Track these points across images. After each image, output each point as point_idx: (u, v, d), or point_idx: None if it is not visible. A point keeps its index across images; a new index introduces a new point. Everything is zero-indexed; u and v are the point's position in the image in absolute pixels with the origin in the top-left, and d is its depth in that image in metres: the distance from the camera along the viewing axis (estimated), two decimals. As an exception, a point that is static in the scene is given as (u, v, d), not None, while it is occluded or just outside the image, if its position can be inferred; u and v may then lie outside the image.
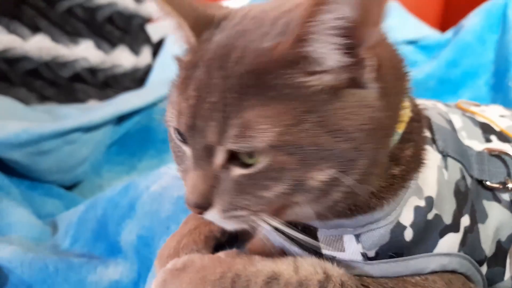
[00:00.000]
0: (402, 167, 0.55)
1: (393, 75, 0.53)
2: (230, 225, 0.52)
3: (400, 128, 0.55)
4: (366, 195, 0.52)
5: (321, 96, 0.46)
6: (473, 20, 1.51)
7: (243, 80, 0.46)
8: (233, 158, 0.48)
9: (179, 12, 0.53)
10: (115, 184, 1.40)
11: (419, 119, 0.60)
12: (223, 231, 0.69)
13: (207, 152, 0.48)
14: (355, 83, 0.47)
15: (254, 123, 0.45)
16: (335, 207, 0.51)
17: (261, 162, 0.46)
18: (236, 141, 0.45)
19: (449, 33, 1.67)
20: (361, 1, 0.41)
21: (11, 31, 1.50)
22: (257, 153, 0.46)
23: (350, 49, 0.45)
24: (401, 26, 1.79)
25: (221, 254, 0.59)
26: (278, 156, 0.45)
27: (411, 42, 1.74)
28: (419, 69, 1.55)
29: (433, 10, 2.41)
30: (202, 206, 0.49)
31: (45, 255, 0.84)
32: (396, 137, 0.54)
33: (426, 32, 1.80)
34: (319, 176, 0.46)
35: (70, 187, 1.37)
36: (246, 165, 0.47)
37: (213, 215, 0.51)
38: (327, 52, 0.45)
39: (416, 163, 0.56)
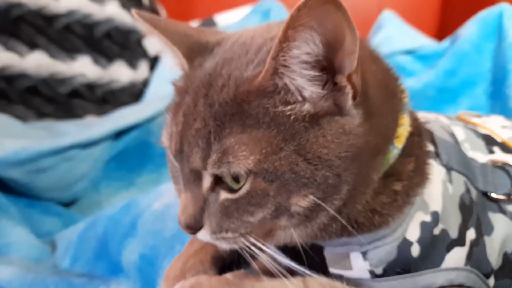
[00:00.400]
0: (404, 182, 0.55)
1: (382, 96, 0.53)
2: (222, 246, 0.53)
3: (400, 143, 0.55)
4: (358, 215, 0.52)
5: (300, 125, 0.47)
6: (469, 29, 1.51)
7: (225, 108, 0.47)
8: (220, 182, 0.50)
9: (172, 41, 0.56)
10: (114, 200, 1.39)
11: (419, 134, 0.60)
12: (230, 251, 0.69)
13: (196, 175, 0.50)
14: (336, 110, 0.48)
15: (234, 150, 0.46)
16: (327, 228, 0.52)
17: (244, 188, 0.48)
18: (218, 166, 0.47)
19: (446, 42, 1.68)
20: (328, 36, 0.43)
21: (9, 48, 1.50)
22: (241, 178, 0.47)
23: (328, 78, 0.47)
24: (398, 36, 1.80)
25: (229, 275, 0.59)
26: (258, 182, 0.47)
27: (408, 52, 1.75)
28: (417, 79, 1.56)
29: (429, 19, 2.43)
30: (193, 227, 0.51)
31: (46, 276, 0.83)
32: (395, 152, 0.54)
33: (423, 41, 1.81)
34: (301, 202, 0.47)
35: (68, 204, 1.35)
36: (232, 190, 0.49)
37: (204, 236, 0.52)
38: (303, 84, 0.47)
39: (419, 178, 0.56)
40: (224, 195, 0.49)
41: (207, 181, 0.50)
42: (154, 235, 0.77)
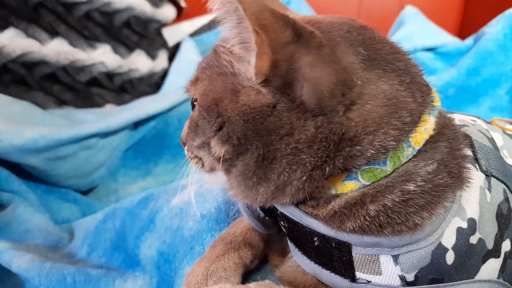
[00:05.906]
0: (420, 183, 0.50)
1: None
2: None
3: (417, 144, 0.51)
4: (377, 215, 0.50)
5: None
6: (495, 28, 1.48)
7: None
8: None
9: None
10: (131, 188, 1.41)
11: (447, 138, 0.55)
12: (252, 258, 0.68)
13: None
14: None
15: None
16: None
17: None
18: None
19: (469, 40, 1.65)
20: None
21: (29, 35, 1.49)
22: None
23: None
24: (420, 32, 1.78)
25: (253, 285, 0.57)
26: None
27: (430, 49, 1.72)
28: (438, 77, 1.53)
29: (452, 17, 2.38)
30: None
31: (63, 265, 0.84)
32: (410, 151, 0.51)
33: (446, 39, 1.78)
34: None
35: (86, 192, 1.37)
36: None
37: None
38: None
39: (448, 181, 0.51)
40: None
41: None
42: (172, 232, 0.77)
